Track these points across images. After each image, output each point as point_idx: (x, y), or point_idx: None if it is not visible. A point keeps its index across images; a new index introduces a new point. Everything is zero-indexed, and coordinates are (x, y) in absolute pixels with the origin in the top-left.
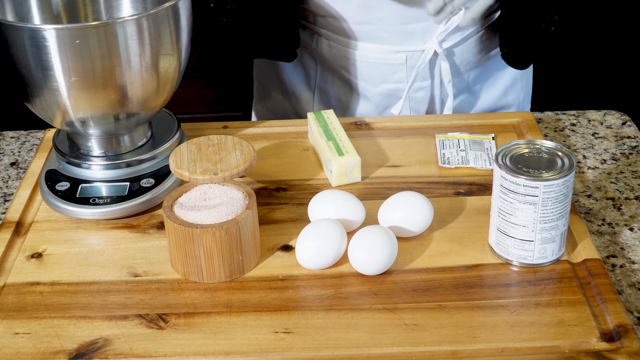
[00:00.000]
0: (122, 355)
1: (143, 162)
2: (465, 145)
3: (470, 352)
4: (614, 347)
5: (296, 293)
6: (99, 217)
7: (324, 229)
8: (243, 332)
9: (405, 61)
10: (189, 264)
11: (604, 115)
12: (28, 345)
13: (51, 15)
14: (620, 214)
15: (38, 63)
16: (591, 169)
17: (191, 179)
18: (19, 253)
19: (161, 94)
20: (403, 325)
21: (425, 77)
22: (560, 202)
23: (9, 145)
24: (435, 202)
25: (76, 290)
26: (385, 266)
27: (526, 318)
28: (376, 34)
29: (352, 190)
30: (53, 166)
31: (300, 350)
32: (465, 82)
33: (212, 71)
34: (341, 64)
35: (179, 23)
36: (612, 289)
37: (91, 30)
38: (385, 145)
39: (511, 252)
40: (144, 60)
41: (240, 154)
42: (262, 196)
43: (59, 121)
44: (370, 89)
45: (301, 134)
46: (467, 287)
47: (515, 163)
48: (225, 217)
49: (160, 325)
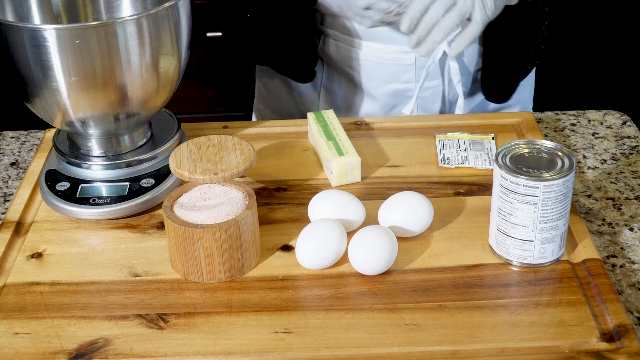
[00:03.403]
0: (122, 355)
1: (143, 162)
2: (465, 145)
3: (470, 352)
4: (614, 347)
5: (296, 293)
6: (99, 217)
7: (324, 229)
8: (243, 332)
9: (414, 61)
10: (189, 264)
11: (604, 115)
12: (28, 345)
13: (51, 15)
14: (620, 214)
15: (38, 63)
16: (591, 169)
17: (191, 179)
18: (19, 253)
19: (161, 94)
20: (403, 325)
21: (435, 76)
22: (560, 202)
23: (9, 145)
24: (435, 202)
25: (76, 290)
26: (385, 266)
27: (526, 318)
28: (386, 35)
29: (352, 190)
30: (53, 166)
31: (300, 350)
32: (474, 81)
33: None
34: (348, 64)
35: (179, 23)
36: (612, 289)
37: (91, 30)
38: (385, 145)
39: (511, 252)
40: (144, 60)
41: (240, 154)
42: (262, 196)
43: (59, 121)
44: (378, 89)
45: (301, 134)
46: (467, 287)
47: (515, 163)
48: (225, 217)
49: (160, 325)
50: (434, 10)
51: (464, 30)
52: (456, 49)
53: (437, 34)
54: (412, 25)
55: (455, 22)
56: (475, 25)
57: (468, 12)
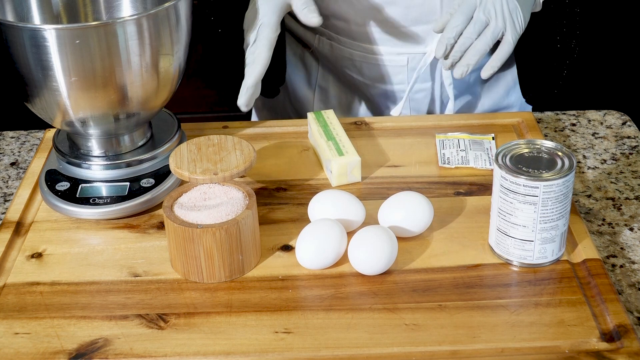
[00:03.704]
0: (122, 355)
1: (143, 162)
2: (465, 145)
3: (470, 352)
4: (614, 347)
5: (296, 293)
6: (99, 217)
7: (324, 229)
8: (243, 332)
9: (406, 63)
10: (189, 264)
11: (604, 115)
12: (28, 345)
13: (51, 15)
14: (620, 214)
15: (38, 63)
16: (591, 169)
17: (191, 179)
18: (19, 253)
19: (161, 94)
20: (403, 325)
21: (426, 79)
22: (560, 202)
23: (9, 145)
24: (435, 202)
25: (76, 290)
26: (385, 266)
27: (526, 318)
28: (378, 36)
29: (352, 190)
30: (53, 166)
31: (300, 350)
32: (467, 84)
33: (212, 71)
34: (343, 63)
35: (179, 23)
36: (612, 289)
37: (91, 30)
38: (385, 145)
39: (511, 252)
40: (144, 60)
41: (240, 154)
42: (262, 196)
43: (59, 121)
44: (371, 90)
45: (301, 134)
46: (467, 287)
47: (515, 163)
48: (225, 217)
49: (160, 325)
50: (467, 34)
51: (497, 51)
52: (489, 70)
53: (472, 58)
54: (447, 50)
55: (488, 44)
56: (507, 45)
57: (500, 34)
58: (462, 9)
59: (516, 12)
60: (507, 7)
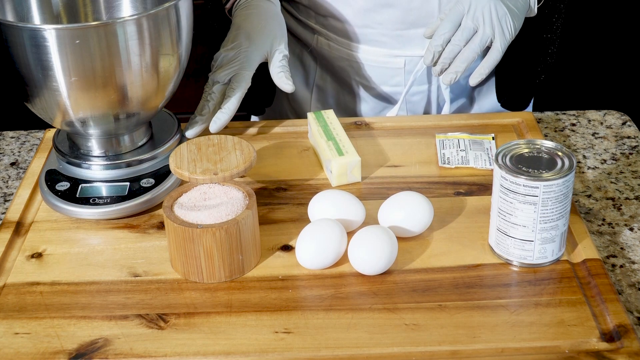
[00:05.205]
0: (122, 355)
1: (143, 162)
2: (465, 145)
3: (470, 352)
4: (614, 347)
5: (296, 293)
6: (99, 217)
7: (324, 229)
8: (243, 332)
9: (403, 65)
10: (189, 264)
11: (604, 115)
12: (28, 345)
13: (51, 15)
14: (620, 214)
15: (38, 63)
16: (591, 169)
17: (191, 179)
18: (19, 253)
19: (161, 94)
20: (403, 325)
21: (423, 81)
22: (560, 202)
23: (9, 145)
24: (435, 202)
25: (76, 290)
26: (385, 266)
27: (526, 318)
28: (376, 38)
29: (352, 190)
30: (53, 166)
31: (300, 350)
32: (463, 87)
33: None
34: (340, 64)
35: (179, 23)
36: (612, 289)
37: (91, 30)
38: (385, 145)
39: (511, 252)
40: (144, 60)
41: (240, 154)
42: (262, 196)
43: (59, 121)
44: (368, 91)
45: (301, 134)
46: (467, 287)
47: (515, 163)
48: (225, 217)
49: (160, 325)
50: (455, 41)
51: (485, 58)
52: (477, 77)
53: (460, 65)
54: (434, 57)
55: (476, 52)
56: (495, 52)
57: (489, 41)
58: (449, 16)
59: (505, 19)
60: (495, 14)
